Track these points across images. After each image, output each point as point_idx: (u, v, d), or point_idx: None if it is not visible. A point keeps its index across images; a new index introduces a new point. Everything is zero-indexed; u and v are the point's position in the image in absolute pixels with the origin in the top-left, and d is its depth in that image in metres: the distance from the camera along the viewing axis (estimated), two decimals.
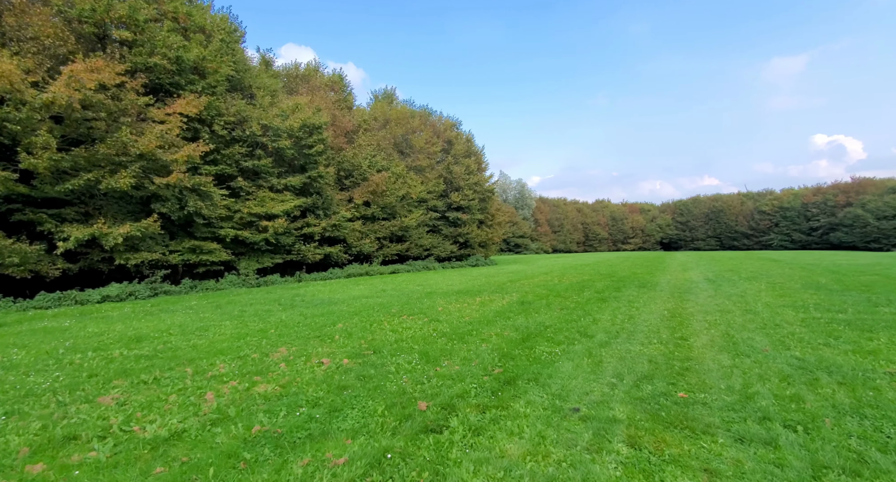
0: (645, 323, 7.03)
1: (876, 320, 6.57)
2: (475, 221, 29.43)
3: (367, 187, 20.90)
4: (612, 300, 9.70)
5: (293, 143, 16.99)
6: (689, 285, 12.61)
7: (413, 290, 12.76)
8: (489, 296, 10.79)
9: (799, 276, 14.35)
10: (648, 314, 7.85)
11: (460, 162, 28.71)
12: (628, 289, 11.78)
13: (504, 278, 16.44)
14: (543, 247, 72.31)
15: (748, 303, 8.89)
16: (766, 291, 10.61)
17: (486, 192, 31.28)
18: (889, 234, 56.36)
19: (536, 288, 12.60)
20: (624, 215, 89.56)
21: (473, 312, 8.38)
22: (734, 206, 79.44)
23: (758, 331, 6.17)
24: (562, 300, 9.83)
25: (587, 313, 7.99)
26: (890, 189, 60.51)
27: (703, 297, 9.98)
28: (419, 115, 28.03)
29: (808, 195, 71.10)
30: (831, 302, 8.65)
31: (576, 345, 5.55)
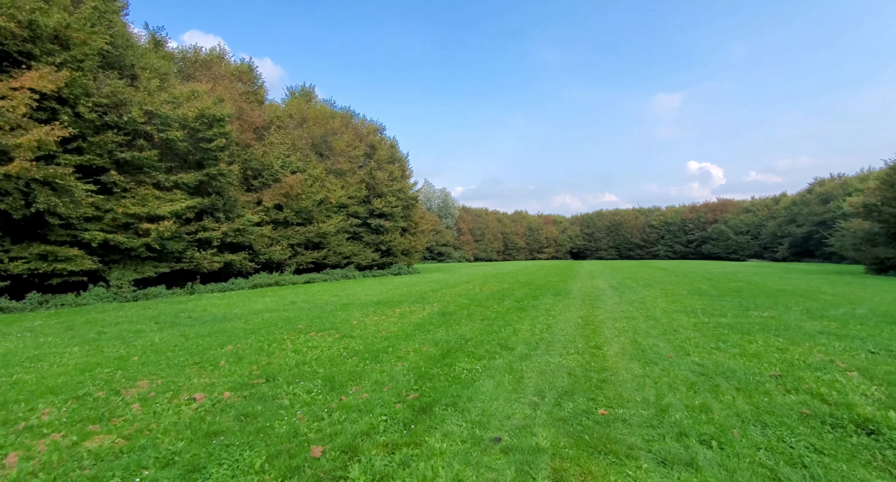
0: (562, 332, 7.08)
1: (751, 323, 7.39)
2: (398, 229, 28.79)
3: (279, 189, 19.12)
4: (530, 309, 9.80)
5: (187, 134, 14.83)
6: (597, 293, 13.43)
7: (328, 302, 11.70)
8: (409, 307, 10.25)
9: (684, 283, 16.20)
10: (564, 322, 7.99)
11: (384, 167, 27.96)
12: (545, 298, 12.13)
13: (426, 287, 16.04)
14: (466, 255, 74.02)
15: (648, 309, 9.59)
16: (661, 298, 11.65)
17: (410, 199, 30.90)
18: (744, 247, 68.00)
19: (458, 297, 12.39)
20: (539, 226, 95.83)
21: (392, 326, 7.77)
22: (630, 220, 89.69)
23: (660, 337, 6.51)
24: (483, 310, 9.68)
25: (508, 323, 7.88)
26: (744, 209, 73.30)
27: (611, 304, 10.59)
28: (340, 116, 26.75)
29: (686, 212, 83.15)
30: (713, 307, 9.70)
31: (497, 360, 5.27)
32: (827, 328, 6.78)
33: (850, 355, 5.11)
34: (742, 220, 70.69)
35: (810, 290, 13.07)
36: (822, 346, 5.56)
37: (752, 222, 69.03)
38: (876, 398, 3.65)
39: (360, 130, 27.98)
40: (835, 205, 47.88)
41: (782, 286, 14.72)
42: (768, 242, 63.38)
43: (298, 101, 25.17)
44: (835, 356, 5.07)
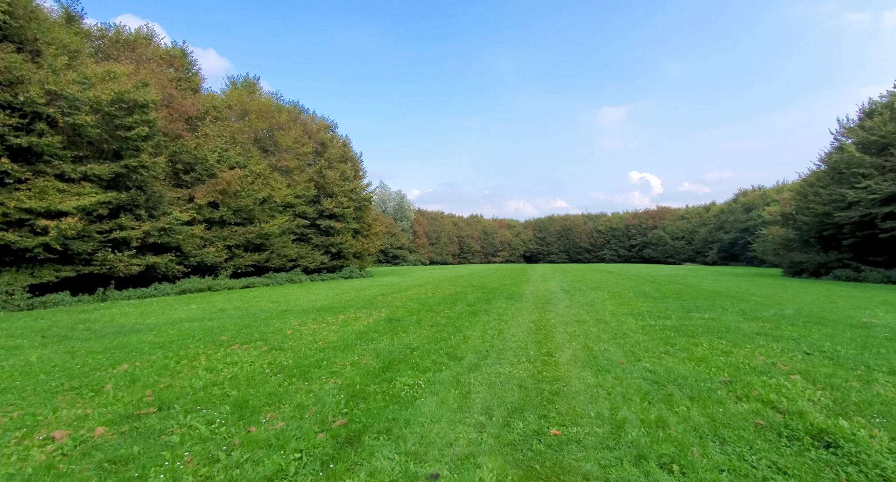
0: (513, 338, 6.76)
1: (694, 325, 7.50)
2: (350, 231, 27.63)
3: (214, 185, 17.49)
4: (483, 313, 9.45)
5: (101, 120, 13.06)
6: (549, 296, 13.42)
7: (263, 309, 10.64)
8: (355, 314, 9.52)
9: (629, 286, 16.74)
10: (516, 327, 7.69)
11: (335, 166, 26.74)
12: (498, 301, 11.88)
13: (376, 291, 15.28)
14: (421, 258, 73.38)
15: (598, 312, 9.59)
16: (610, 300, 11.80)
17: (363, 200, 29.84)
18: (680, 251, 73.20)
19: (409, 302, 11.81)
20: (494, 230, 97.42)
21: (331, 335, 7.04)
22: (579, 226, 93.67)
23: (611, 341, 6.37)
24: (433, 315, 9.19)
25: (458, 330, 7.44)
26: (679, 216, 79.03)
27: (562, 308, 10.52)
28: (288, 110, 25.23)
29: (629, 218, 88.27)
30: (658, 309, 9.90)
31: (443, 372, 4.78)
32: (762, 329, 7.00)
33: (788, 357, 5.17)
34: (678, 226, 76.22)
35: (741, 292, 13.91)
36: (762, 348, 5.64)
37: (686, 229, 74.60)
38: (823, 404, 3.58)
39: (310, 127, 26.57)
40: (756, 213, 52.81)
41: (716, 288, 15.60)
42: (700, 247, 68.76)
43: (240, 92, 23.38)
44: (775, 358, 5.11)
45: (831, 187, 22.11)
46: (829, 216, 21.85)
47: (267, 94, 26.13)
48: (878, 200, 19.28)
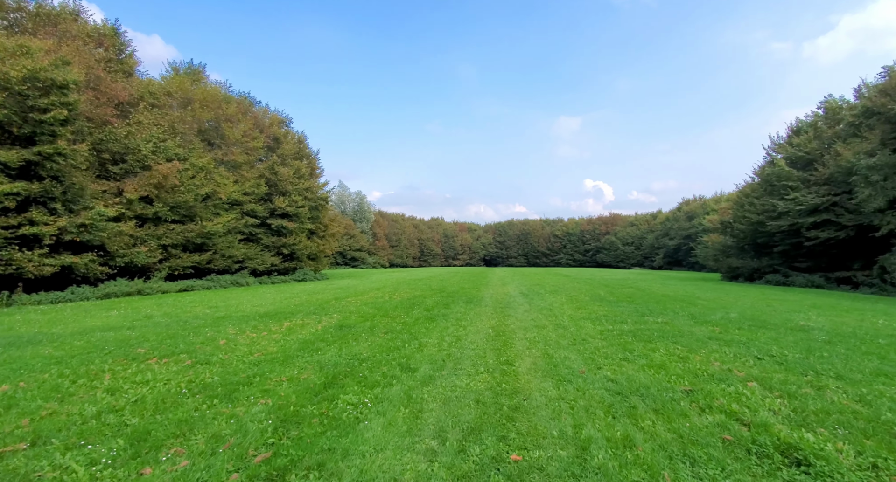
0: (472, 345, 6.40)
1: (650, 330, 7.53)
2: (304, 231, 26.31)
3: (148, 178, 15.86)
4: (440, 318, 9.04)
5: (11, 100, 11.37)
6: (508, 300, 13.28)
7: (198, 315, 9.59)
8: (303, 320, 8.78)
9: (585, 290, 17.05)
10: (475, 334, 7.36)
11: (289, 163, 25.38)
12: (457, 306, 11.54)
13: (330, 295, 14.45)
14: (381, 261, 71.99)
15: (557, 316, 9.49)
16: (567, 304, 11.83)
17: (319, 199, 28.59)
18: (630, 256, 77.03)
19: (364, 306, 11.17)
20: (455, 233, 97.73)
21: (271, 345, 6.33)
22: (538, 230, 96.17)
23: (571, 348, 6.18)
24: (389, 321, 8.66)
25: (414, 337, 6.98)
26: (629, 223, 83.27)
27: (521, 312, 10.35)
28: (237, 102, 23.64)
29: (584, 224, 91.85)
30: (614, 313, 9.98)
31: (394, 387, 4.31)
32: (713, 334, 7.12)
33: (741, 362, 5.19)
34: (628, 232, 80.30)
35: (687, 296, 14.51)
36: (716, 354, 5.65)
37: (635, 235, 78.75)
38: (784, 414, 3.49)
39: (262, 120, 25.05)
40: (697, 222, 56.63)
41: (665, 292, 16.23)
42: (648, 252, 72.77)
43: (182, 79, 21.52)
44: (730, 364, 5.11)
45: (764, 198, 23.95)
46: (763, 225, 23.62)
47: (215, 83, 24.33)
48: (804, 211, 21.07)
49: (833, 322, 8.41)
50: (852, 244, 20.23)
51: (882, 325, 8.05)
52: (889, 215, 17.31)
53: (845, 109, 22.68)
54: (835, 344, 6.20)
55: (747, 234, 25.79)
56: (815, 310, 10.65)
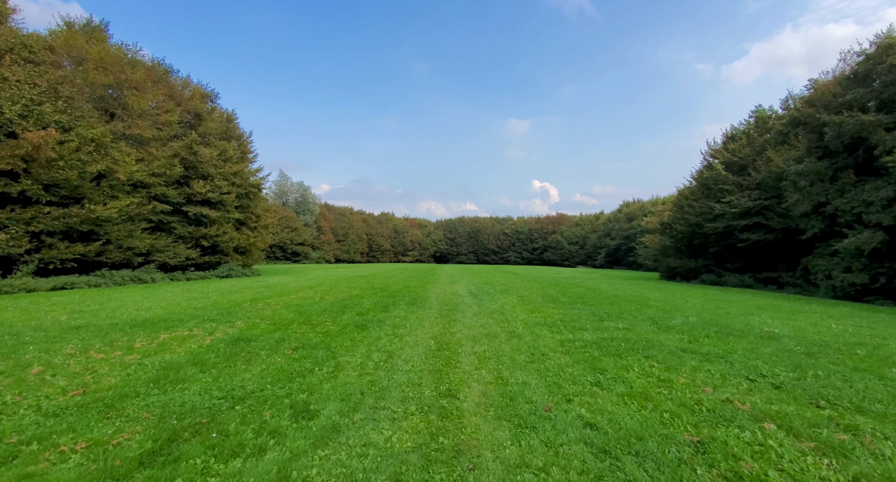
0: (406, 365, 4.95)
1: (614, 340, 6.53)
2: (231, 221, 23.26)
3: (13, 148, 12.55)
4: (374, 326, 7.48)
5: None
6: (456, 300, 12.00)
7: (44, 325, 7.19)
8: (190, 330, 6.79)
9: (536, 289, 16.26)
10: (413, 347, 5.90)
11: (213, 143, 22.21)
12: (398, 308, 10.02)
13: (248, 295, 12.26)
14: (326, 256, 68.25)
15: (509, 322, 8.31)
16: (520, 306, 10.76)
17: (251, 186, 25.54)
18: (574, 255, 79.78)
19: (284, 310, 9.28)
20: (405, 229, 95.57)
21: (113, 373, 4.43)
22: (488, 228, 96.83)
23: (529, 367, 4.93)
24: (307, 330, 6.95)
25: (332, 354, 5.38)
26: (574, 223, 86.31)
27: (470, 316, 9.08)
28: (146, 67, 20.10)
29: (532, 223, 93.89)
30: (570, 317, 9.01)
31: (266, 457, 2.73)
32: (684, 344, 6.26)
33: (735, 387, 4.22)
34: (573, 232, 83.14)
35: (637, 296, 14.14)
36: (701, 375, 4.67)
37: (580, 234, 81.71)
38: None
39: (179, 92, 21.60)
40: (636, 223, 59.58)
41: (615, 291, 15.86)
42: (591, 252, 75.75)
43: (75, 35, 17.72)
44: (724, 390, 4.11)
45: (702, 200, 24.88)
46: (700, 226, 24.52)
47: (119, 44, 20.49)
48: (738, 214, 22.00)
49: (792, 327, 8.00)
50: (779, 246, 21.44)
51: (839, 330, 7.74)
52: (814, 219, 18.32)
53: (773, 119, 24.09)
54: (816, 356, 5.51)
55: (685, 235, 26.76)
56: (763, 312, 10.45)
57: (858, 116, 16.29)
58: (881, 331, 7.84)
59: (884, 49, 16.76)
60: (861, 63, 17.67)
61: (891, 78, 16.25)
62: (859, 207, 16.38)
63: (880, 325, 8.53)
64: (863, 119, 16.18)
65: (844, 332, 7.46)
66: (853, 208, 16.59)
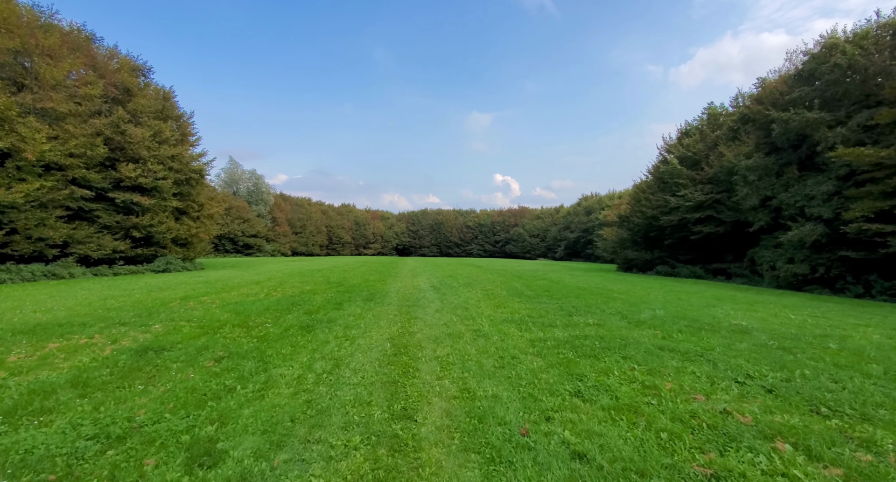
0: (354, 377, 4.14)
1: (587, 337, 6.05)
2: (168, 210, 21.01)
3: None
4: (322, 327, 6.57)
5: None
6: (417, 295, 11.24)
7: None
8: (88, 338, 5.56)
9: (500, 282, 15.83)
10: (365, 352, 5.09)
11: (145, 123, 19.82)
12: (353, 305, 9.12)
13: (179, 292, 10.83)
14: (282, 248, 65.03)
15: (474, 318, 7.68)
16: (485, 301, 10.18)
17: (193, 172, 23.23)
18: (535, 247, 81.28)
19: (218, 310, 8.11)
20: (367, 221, 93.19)
21: None
22: (451, 220, 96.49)
23: (499, 374, 4.28)
24: (240, 334, 5.93)
25: (264, 365, 4.46)
26: (535, 216, 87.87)
27: (431, 312, 8.36)
28: (64, 33, 17.45)
29: (495, 216, 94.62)
30: (538, 312, 8.53)
31: None
32: (658, 341, 5.88)
33: (726, 393, 3.78)
34: (535, 225, 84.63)
35: (601, 288, 14.04)
36: (685, 377, 4.22)
37: (541, 227, 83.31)
38: None
39: (104, 63, 18.98)
40: (594, 216, 61.39)
41: (578, 284, 15.75)
42: (551, 244, 77.47)
43: None
44: (716, 397, 3.65)
45: (658, 194, 25.57)
46: (657, 219, 25.22)
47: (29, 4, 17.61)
48: (692, 207, 22.76)
49: (755, 319, 7.95)
50: (728, 239, 22.43)
51: (800, 321, 7.76)
52: (761, 212, 19.18)
53: (724, 116, 25.08)
54: (793, 352, 5.28)
55: (642, 228, 27.51)
56: (723, 303, 10.53)
57: (804, 113, 17.06)
58: (836, 320, 7.96)
59: (828, 49, 17.60)
60: (807, 62, 18.53)
61: (833, 77, 17.10)
62: (802, 201, 17.24)
63: (833, 315, 8.72)
64: (807, 116, 16.95)
65: (806, 324, 7.46)
66: (796, 202, 17.45)
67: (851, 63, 16.33)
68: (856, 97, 16.72)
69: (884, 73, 15.80)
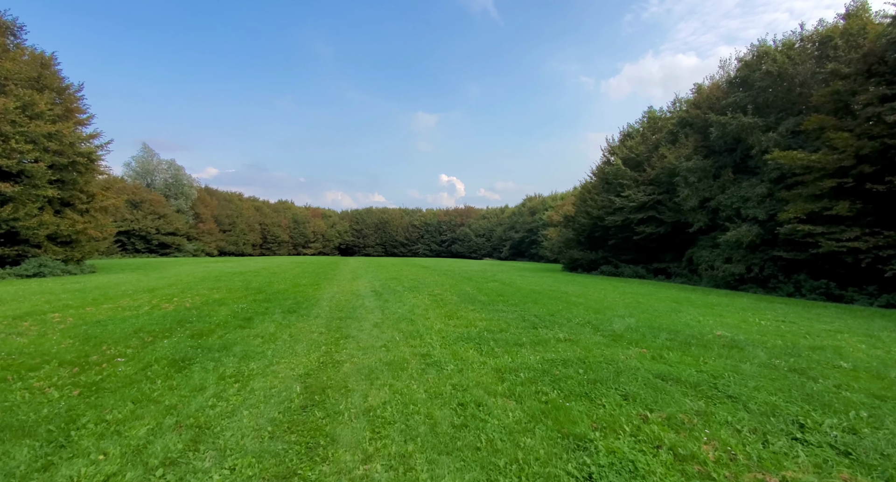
0: (217, 471, 2.37)
1: (565, 362, 4.74)
2: (43, 200, 16.97)
3: None
4: (205, 360, 4.62)
5: None
6: (354, 303, 9.43)
7: None
8: None
9: (449, 285, 14.42)
10: (257, 405, 3.31)
11: (10, 91, 15.75)
12: (267, 320, 7.13)
13: (20, 307, 8.01)
14: (206, 248, 58.62)
15: (421, 335, 6.12)
16: (433, 309, 8.66)
17: (80, 155, 19.10)
18: (481, 247, 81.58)
19: (60, 334, 5.75)
20: (307, 219, 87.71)
21: None
22: (396, 219, 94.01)
23: (458, 442, 2.76)
24: (64, 377, 3.84)
25: (54, 452, 2.52)
26: (481, 216, 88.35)
27: (368, 328, 6.66)
28: None
29: (441, 215, 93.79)
30: (496, 324, 7.17)
31: None
32: (652, 366, 4.73)
33: (793, 463, 2.58)
34: (480, 224, 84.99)
35: (555, 291, 13.17)
36: (725, 433, 2.99)
37: (486, 227, 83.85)
38: None
39: None
40: (538, 217, 62.64)
41: (531, 286, 14.82)
42: (497, 244, 78.19)
43: None
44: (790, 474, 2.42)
45: (603, 195, 25.82)
46: (602, 219, 25.42)
47: None
48: (635, 208, 23.09)
49: (730, 327, 7.25)
50: (668, 239, 23.05)
51: (773, 328, 7.17)
52: (700, 213, 19.71)
53: (663, 119, 25.92)
54: (810, 376, 4.36)
55: (587, 228, 27.72)
56: (684, 307, 9.97)
57: (739, 117, 17.61)
58: (805, 326, 7.51)
59: (760, 56, 18.41)
60: (740, 69, 19.32)
61: (765, 84, 17.86)
62: (738, 203, 17.82)
63: (796, 319, 8.36)
64: (743, 120, 17.51)
65: (784, 333, 6.84)
66: (733, 204, 18.01)
67: (781, 71, 17.11)
68: (783, 104, 17.60)
69: (808, 82, 16.69)
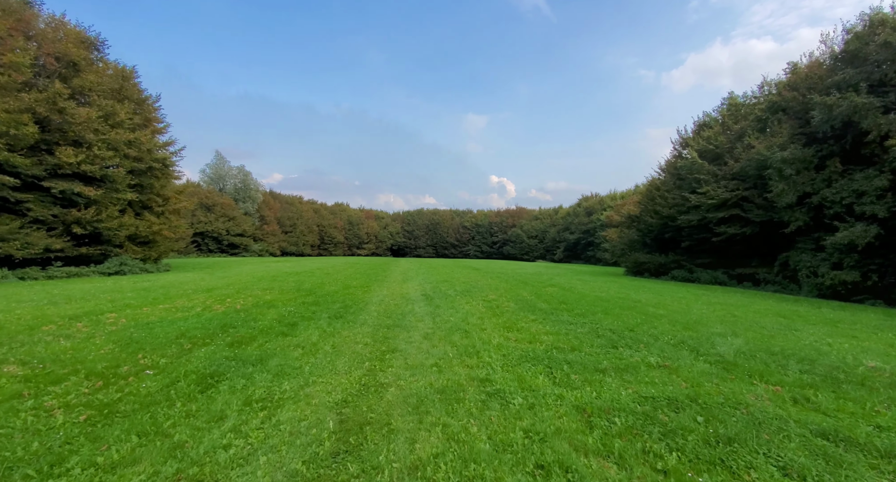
0: None
1: (674, 402, 3.58)
2: (123, 203, 18.36)
3: None
4: (236, 376, 4.08)
5: None
6: (403, 308, 8.75)
7: None
8: None
9: (504, 289, 13.37)
10: (279, 448, 2.60)
11: (94, 102, 17.18)
12: (312, 325, 6.62)
13: (84, 307, 8.24)
14: (270, 248, 62.20)
15: (478, 352, 5.21)
16: (489, 319, 7.70)
17: (156, 161, 20.58)
18: (534, 249, 79.05)
19: (104, 338, 5.60)
20: (361, 220, 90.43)
21: None
22: (447, 221, 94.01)
23: None
24: (84, 393, 3.43)
25: None
26: (534, 217, 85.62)
27: (418, 339, 5.89)
28: None
29: (492, 216, 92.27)
30: (565, 339, 6.06)
31: None
32: (804, 416, 3.43)
33: None
34: (533, 226, 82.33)
35: (626, 299, 11.63)
36: None
37: (539, 228, 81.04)
38: None
39: (42, 31, 16.33)
40: (595, 217, 59.16)
41: (595, 292, 13.34)
42: (550, 246, 75.19)
43: None
44: None
45: (675, 191, 23.25)
46: (673, 219, 22.89)
47: None
48: (715, 205, 20.44)
49: (874, 353, 5.55)
50: (755, 240, 20.13)
51: None
52: (798, 211, 16.88)
53: (747, 106, 22.82)
54: None
55: (655, 228, 25.21)
56: (798, 323, 8.12)
57: (851, 97, 14.74)
58: None
59: (874, 26, 15.36)
60: (850, 41, 16.22)
61: (882, 57, 14.84)
62: (849, 198, 14.94)
63: None
64: (856, 100, 14.62)
65: None
66: (843, 199, 15.14)
67: None
68: None
69: None
